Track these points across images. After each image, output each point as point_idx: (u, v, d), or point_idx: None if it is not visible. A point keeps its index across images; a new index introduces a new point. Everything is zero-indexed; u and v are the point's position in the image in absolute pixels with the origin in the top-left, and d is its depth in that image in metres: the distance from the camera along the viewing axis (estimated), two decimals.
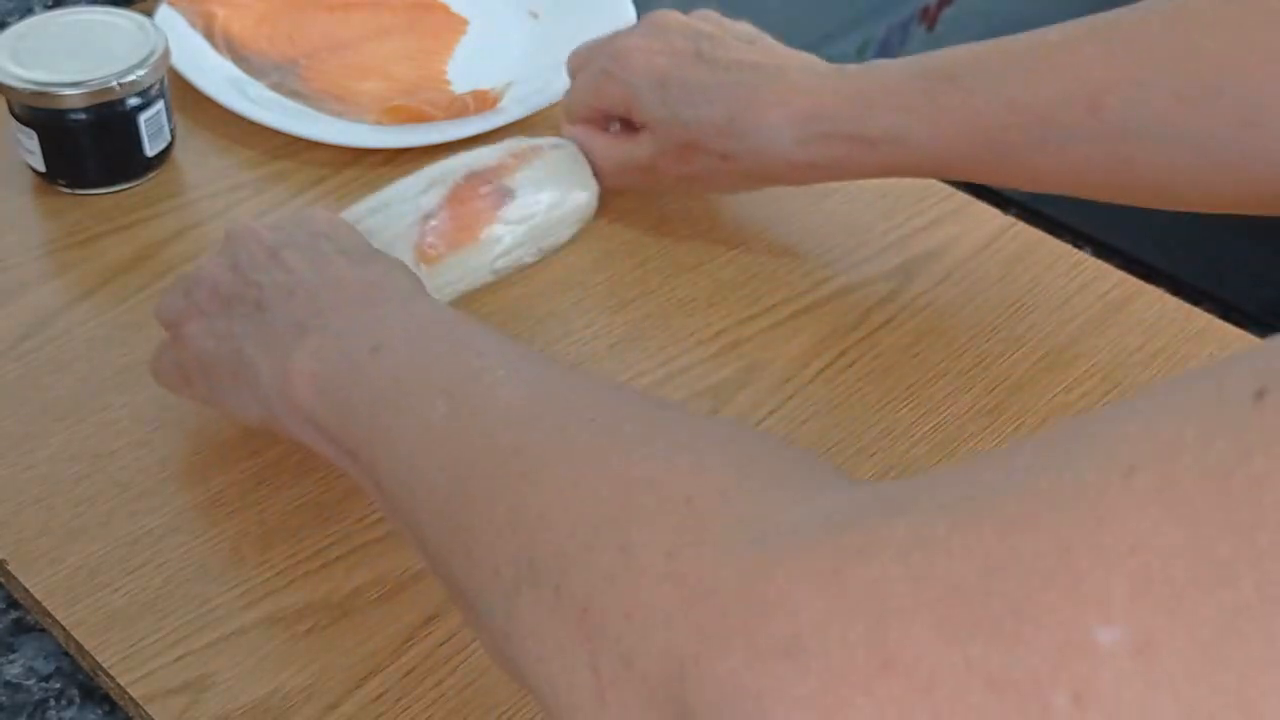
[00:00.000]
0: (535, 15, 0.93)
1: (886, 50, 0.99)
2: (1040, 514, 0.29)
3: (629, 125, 0.74)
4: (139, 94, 0.77)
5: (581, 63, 0.77)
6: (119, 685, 0.56)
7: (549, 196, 0.74)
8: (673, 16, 0.74)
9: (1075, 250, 0.77)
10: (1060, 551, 0.28)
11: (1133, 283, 0.74)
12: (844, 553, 0.31)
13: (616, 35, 0.75)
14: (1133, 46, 0.60)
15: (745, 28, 0.74)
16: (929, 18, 1.02)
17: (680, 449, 0.39)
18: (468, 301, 0.73)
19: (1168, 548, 0.27)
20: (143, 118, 0.78)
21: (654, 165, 0.73)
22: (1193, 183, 0.60)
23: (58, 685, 0.58)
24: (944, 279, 0.74)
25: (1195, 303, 0.73)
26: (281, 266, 0.58)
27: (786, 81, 0.68)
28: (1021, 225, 0.78)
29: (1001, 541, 0.29)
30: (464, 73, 0.89)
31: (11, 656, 0.59)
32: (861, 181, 0.81)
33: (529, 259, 0.74)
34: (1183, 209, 0.63)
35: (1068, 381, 0.69)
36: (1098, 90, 0.60)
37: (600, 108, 0.75)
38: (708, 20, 0.74)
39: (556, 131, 0.83)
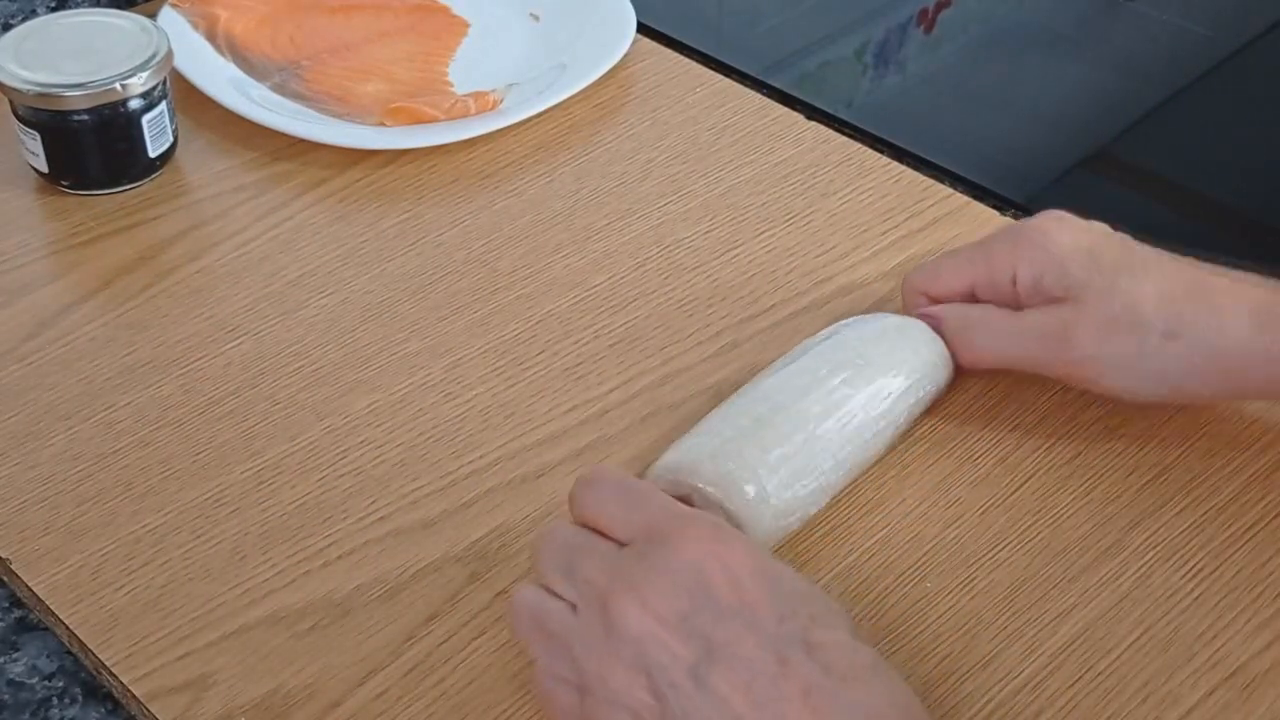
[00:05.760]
0: (536, 17, 0.94)
1: (885, 53, 0.99)
2: None
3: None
4: (142, 96, 0.77)
5: (956, 256, 0.68)
6: (122, 684, 0.56)
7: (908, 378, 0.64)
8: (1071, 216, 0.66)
9: None
10: None
11: None
12: None
13: (1015, 224, 0.67)
14: None
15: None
16: (927, 20, 1.02)
17: None
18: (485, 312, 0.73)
19: None
20: (145, 119, 0.78)
21: (1068, 337, 0.63)
22: None
23: (61, 684, 0.58)
24: None
25: None
26: (722, 709, 0.47)
27: (1233, 275, 0.62)
28: None
29: None
30: (465, 75, 0.89)
31: (15, 655, 0.59)
32: (861, 181, 0.81)
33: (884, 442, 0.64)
34: None
35: None
36: None
37: (993, 280, 0.65)
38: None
39: (560, 137, 0.84)
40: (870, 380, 0.63)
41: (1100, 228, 0.65)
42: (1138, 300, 0.61)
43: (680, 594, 0.49)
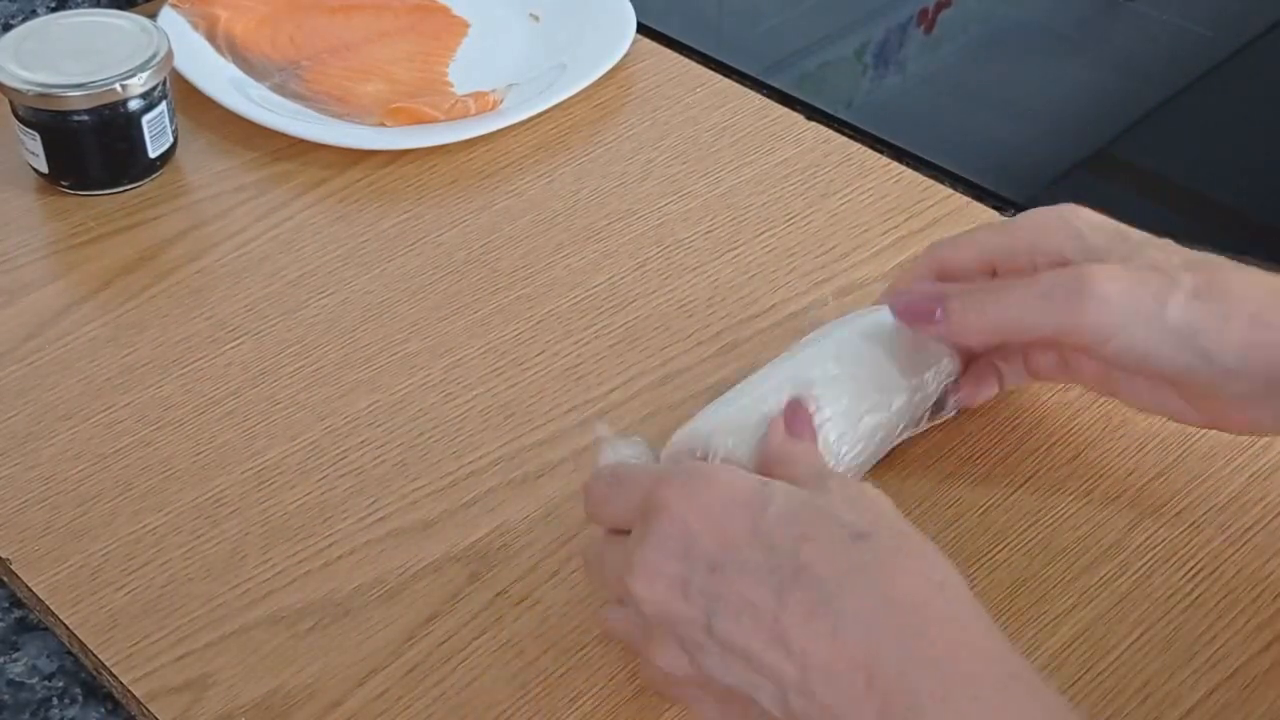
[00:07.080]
0: (536, 18, 0.94)
1: (884, 53, 0.99)
2: None
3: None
4: (142, 96, 0.77)
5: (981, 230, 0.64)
6: (121, 684, 0.56)
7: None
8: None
9: None
10: None
11: None
12: None
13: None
14: None
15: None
16: (927, 21, 1.02)
17: None
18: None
19: None
20: (145, 119, 0.78)
21: (1084, 286, 0.57)
22: None
23: (61, 684, 0.59)
24: None
25: None
26: (742, 655, 0.48)
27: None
28: None
29: None
30: (465, 75, 0.89)
31: (15, 655, 0.59)
32: (861, 181, 0.81)
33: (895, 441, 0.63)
34: None
35: None
36: None
37: (1013, 254, 0.62)
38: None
39: (560, 137, 0.84)
40: (882, 384, 0.62)
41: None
42: (1164, 262, 0.58)
43: (672, 559, 0.50)
